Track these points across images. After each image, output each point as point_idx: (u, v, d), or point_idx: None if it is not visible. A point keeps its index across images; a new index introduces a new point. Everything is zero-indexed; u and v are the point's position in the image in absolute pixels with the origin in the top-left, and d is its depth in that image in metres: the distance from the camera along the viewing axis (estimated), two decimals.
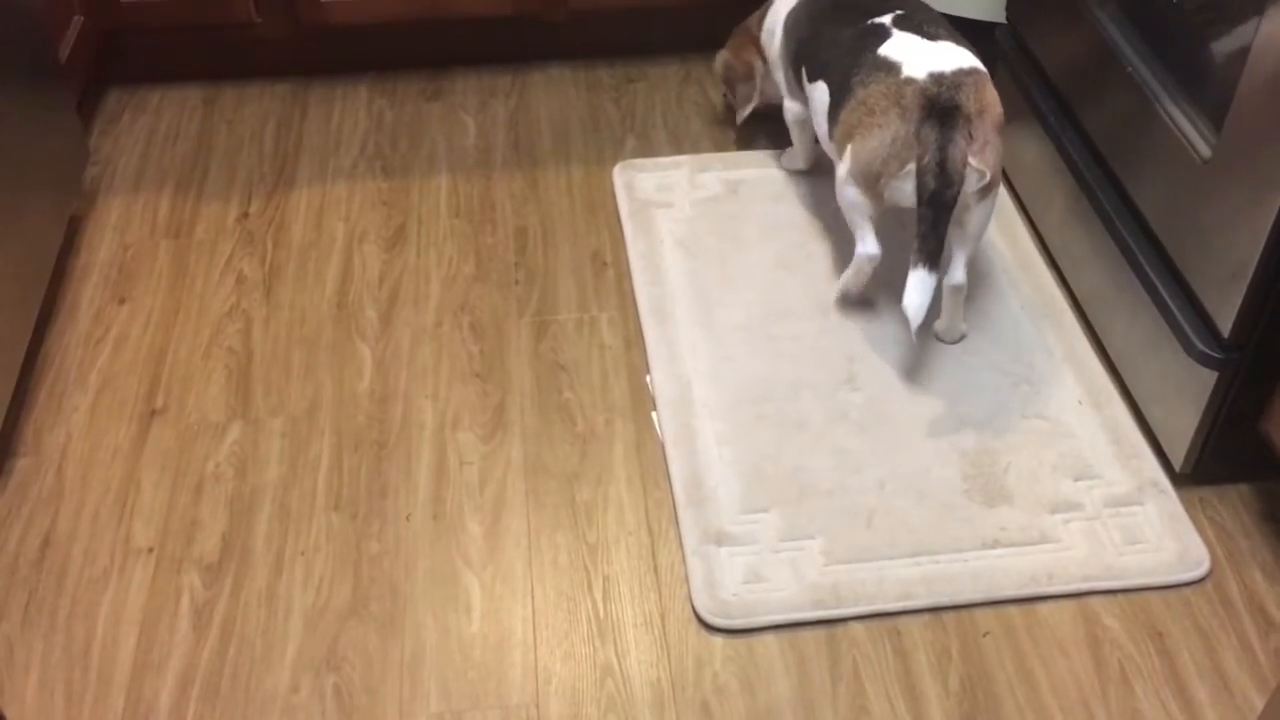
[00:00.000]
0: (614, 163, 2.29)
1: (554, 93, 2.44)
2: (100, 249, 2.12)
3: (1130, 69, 1.76)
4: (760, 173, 2.26)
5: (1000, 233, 2.11)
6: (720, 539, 1.65)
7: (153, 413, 1.84)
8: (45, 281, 1.93)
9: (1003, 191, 2.19)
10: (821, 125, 1.94)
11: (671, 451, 1.77)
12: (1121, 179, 1.81)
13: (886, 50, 1.81)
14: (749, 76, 2.28)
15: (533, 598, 1.60)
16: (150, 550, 1.66)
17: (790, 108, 2.16)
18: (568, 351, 1.93)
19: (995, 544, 1.64)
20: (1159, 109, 1.69)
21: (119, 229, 2.16)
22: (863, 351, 1.91)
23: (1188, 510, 1.69)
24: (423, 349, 1.94)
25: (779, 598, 1.58)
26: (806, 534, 1.66)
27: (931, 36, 1.84)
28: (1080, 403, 1.82)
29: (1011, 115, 2.19)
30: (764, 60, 2.24)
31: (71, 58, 2.18)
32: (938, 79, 1.74)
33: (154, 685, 1.51)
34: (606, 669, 1.53)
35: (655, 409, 1.84)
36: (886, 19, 1.88)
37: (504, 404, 1.85)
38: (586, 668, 1.53)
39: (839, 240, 2.10)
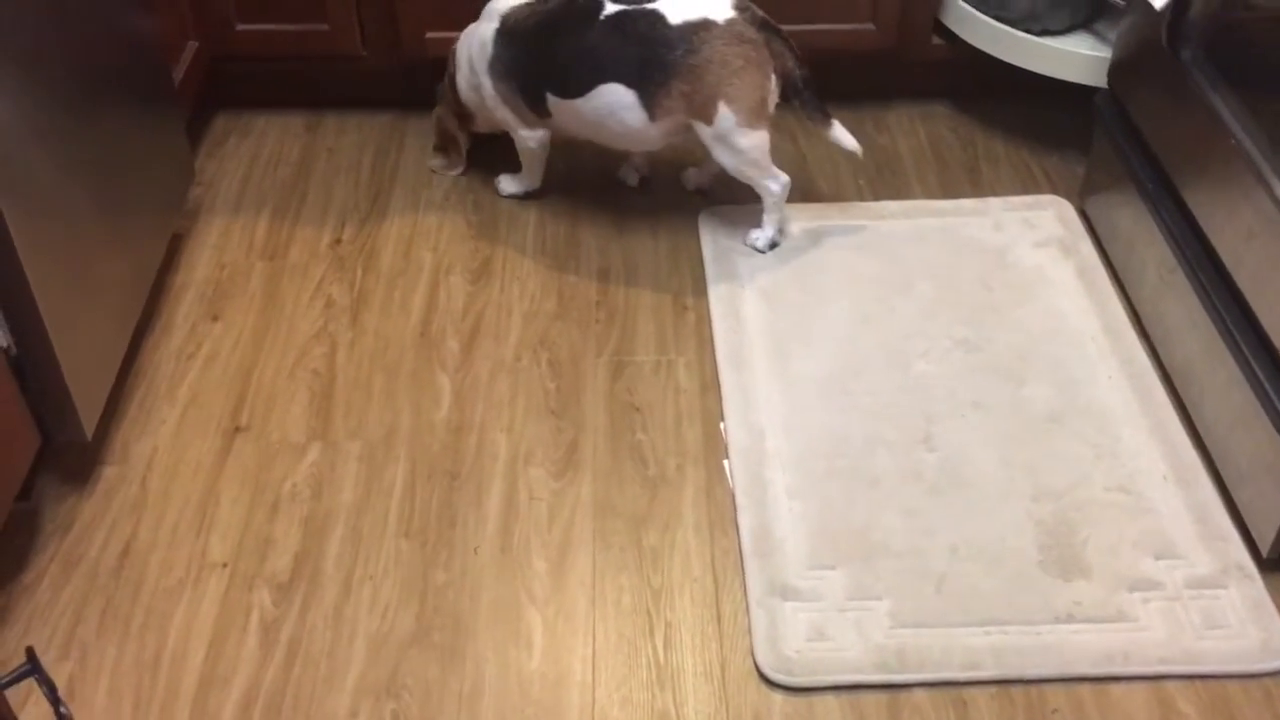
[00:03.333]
0: (699, 206, 2.30)
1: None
2: (198, 267, 2.18)
3: (1234, 141, 1.72)
4: (844, 223, 2.25)
5: (1091, 299, 2.07)
6: (785, 593, 1.64)
7: (236, 429, 1.89)
8: (145, 295, 1.99)
9: (1094, 257, 2.16)
10: (630, 118, 2.07)
11: (741, 500, 1.76)
12: (1219, 251, 1.77)
13: (676, 16, 2.00)
14: (451, 141, 2.36)
15: (594, 638, 1.60)
16: (224, 565, 1.69)
17: (528, 137, 2.24)
18: (643, 393, 1.94)
19: (1069, 618, 1.60)
20: (1263, 183, 1.65)
21: (218, 248, 2.22)
22: (941, 411, 1.88)
23: (1273, 597, 1.63)
24: (501, 382, 1.96)
25: (842, 658, 1.56)
26: (873, 594, 1.64)
27: None
28: (1165, 478, 1.78)
29: (1109, 182, 2.16)
30: (464, 121, 2.32)
31: (184, 81, 2.26)
32: (741, 6, 2.03)
33: (218, 700, 1.54)
34: (663, 717, 1.52)
35: (727, 457, 1.83)
36: (627, 4, 2.03)
37: (577, 442, 1.86)
38: (643, 714, 1.52)
39: (922, 295, 2.08)
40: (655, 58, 2.01)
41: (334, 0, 2.32)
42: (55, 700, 0.93)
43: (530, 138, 2.21)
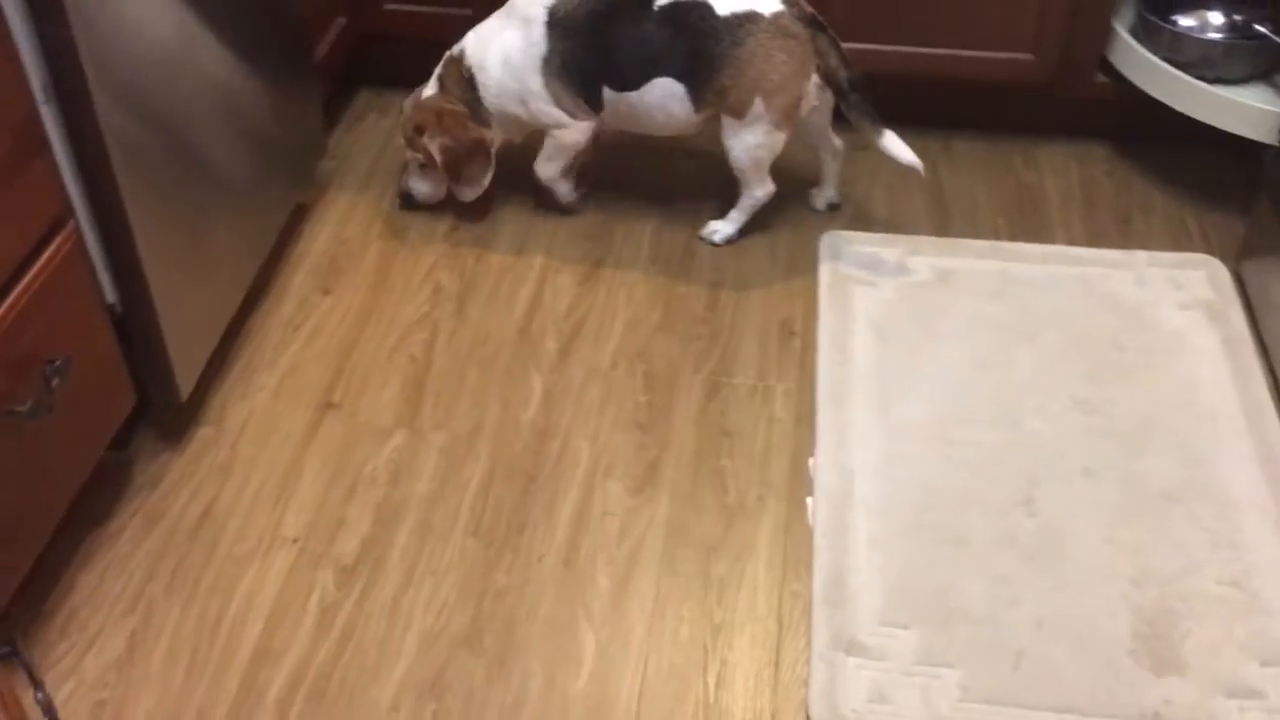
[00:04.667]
0: (823, 230, 2.22)
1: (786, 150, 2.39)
2: (318, 240, 2.21)
3: None
4: (976, 265, 2.14)
5: (1233, 371, 1.92)
6: (851, 647, 1.56)
7: (328, 406, 1.90)
8: (259, 263, 2.03)
9: (1243, 326, 2.00)
10: (678, 110, 2.05)
11: (819, 543, 1.68)
12: None
13: (724, 8, 1.97)
14: (481, 151, 2.17)
15: (645, 667, 1.55)
16: (295, 540, 1.71)
17: (574, 130, 2.15)
18: (735, 417, 1.88)
19: (1155, 718, 1.48)
20: None
21: (339, 223, 2.25)
22: (1048, 474, 1.77)
23: None
24: (592, 389, 1.92)
25: None
26: (945, 661, 1.54)
27: None
28: None
29: (1270, 246, 2.00)
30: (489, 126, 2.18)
31: (328, 56, 2.30)
32: (791, 1, 1.99)
33: (268, 675, 1.55)
34: None
35: (812, 494, 1.75)
36: None
37: (659, 460, 1.81)
38: None
39: (1047, 347, 1.95)
40: (703, 50, 1.99)
41: None
42: (35, 683, 0.93)
43: (576, 132, 2.15)
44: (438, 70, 2.18)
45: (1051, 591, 1.62)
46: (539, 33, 2.05)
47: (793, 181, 2.32)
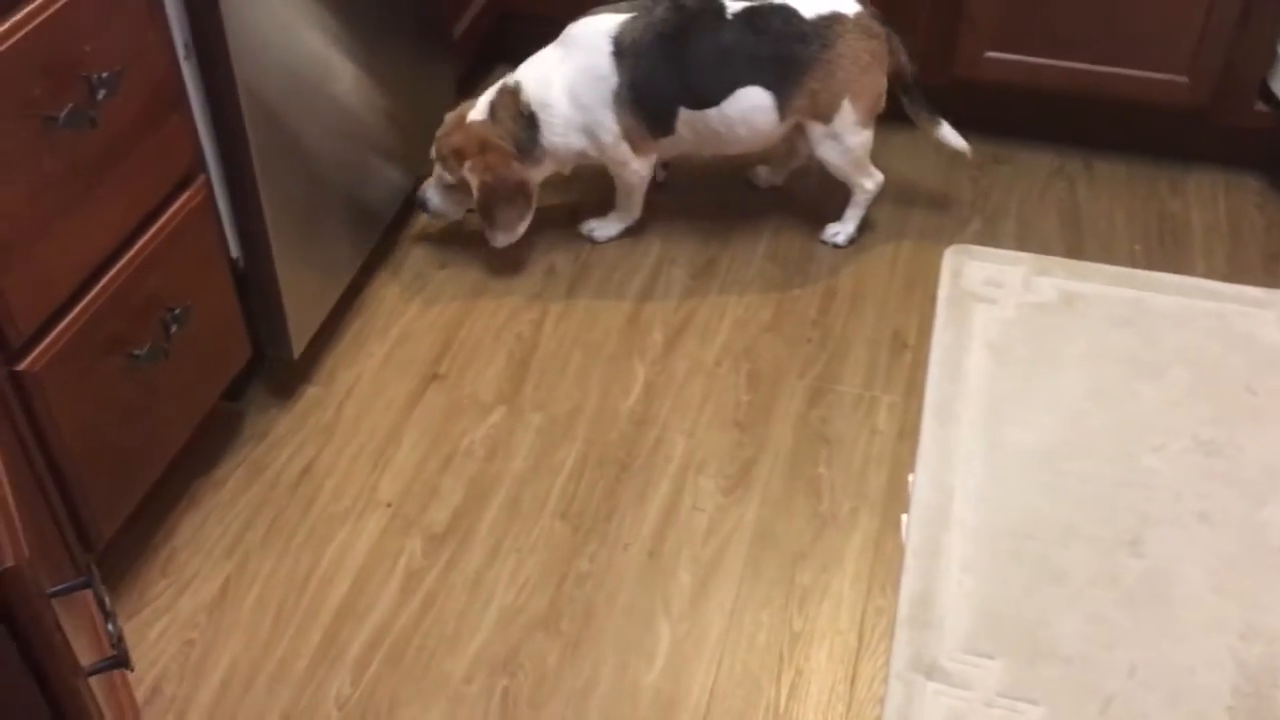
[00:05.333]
0: (949, 243, 2.15)
1: (912, 156, 2.34)
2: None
3: None
4: (1107, 290, 2.05)
5: None
6: (932, 671, 1.51)
7: (434, 377, 1.93)
8: (381, 230, 2.07)
9: None
10: (763, 121, 2.00)
11: (910, 561, 1.64)
12: None
13: (808, 10, 1.94)
14: (522, 196, 2.04)
15: (719, 667, 1.54)
16: (389, 505, 1.74)
17: (639, 169, 2.07)
18: (837, 425, 1.84)
19: None
20: None
21: None
22: (1160, 515, 1.68)
23: None
24: (694, 384, 1.91)
25: None
26: (1029, 697, 1.48)
27: None
28: None
29: None
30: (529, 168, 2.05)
31: (467, 33, 2.33)
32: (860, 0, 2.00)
33: (350, 633, 1.58)
34: None
35: (908, 511, 1.71)
36: (750, 1, 1.95)
37: (755, 460, 1.79)
38: None
39: (1173, 383, 1.86)
40: (791, 54, 1.94)
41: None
42: (107, 615, 0.96)
43: (642, 168, 2.08)
44: (489, 97, 2.04)
45: (1151, 637, 1.54)
46: (606, 65, 1.96)
47: (919, 196, 2.27)
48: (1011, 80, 2.26)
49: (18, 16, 1.22)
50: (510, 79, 2.03)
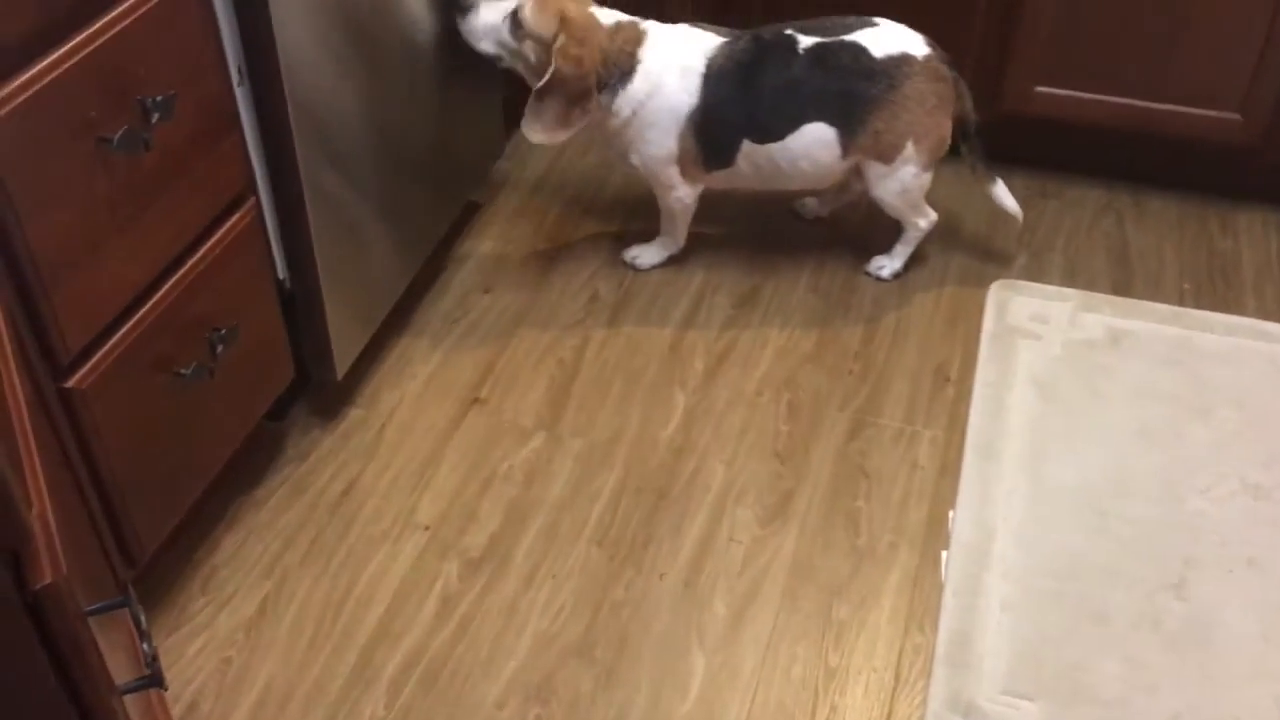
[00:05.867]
0: (995, 277, 2.14)
1: (959, 189, 2.32)
2: (485, 238, 2.26)
3: None
4: (1155, 329, 2.02)
5: None
6: (969, 712, 1.49)
7: (475, 400, 1.94)
8: (427, 254, 2.09)
9: None
10: (825, 158, 2.00)
11: (949, 599, 1.61)
12: None
13: (878, 49, 1.93)
14: (584, 104, 1.93)
15: (753, 701, 1.52)
16: (427, 528, 1.75)
17: (685, 195, 2.07)
18: (877, 459, 1.83)
19: None
20: None
21: (507, 224, 2.30)
22: (1206, 558, 1.65)
23: None
24: (735, 413, 1.90)
25: None
26: None
27: (868, 23, 1.98)
28: None
29: None
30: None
31: None
32: (930, 43, 1.97)
33: (385, 655, 1.59)
34: None
35: (947, 548, 1.69)
36: (824, 37, 1.95)
37: (794, 492, 1.78)
38: None
39: (1221, 424, 1.83)
40: (858, 92, 1.94)
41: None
42: (142, 635, 0.97)
43: (686, 195, 2.08)
44: (619, 15, 1.98)
45: (1194, 683, 1.51)
46: (695, 83, 1.96)
47: (966, 230, 2.26)
48: (1060, 115, 2.25)
49: (77, 39, 1.24)
50: (642, 23, 1.99)
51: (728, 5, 2.31)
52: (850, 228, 2.26)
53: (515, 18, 1.94)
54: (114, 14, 1.28)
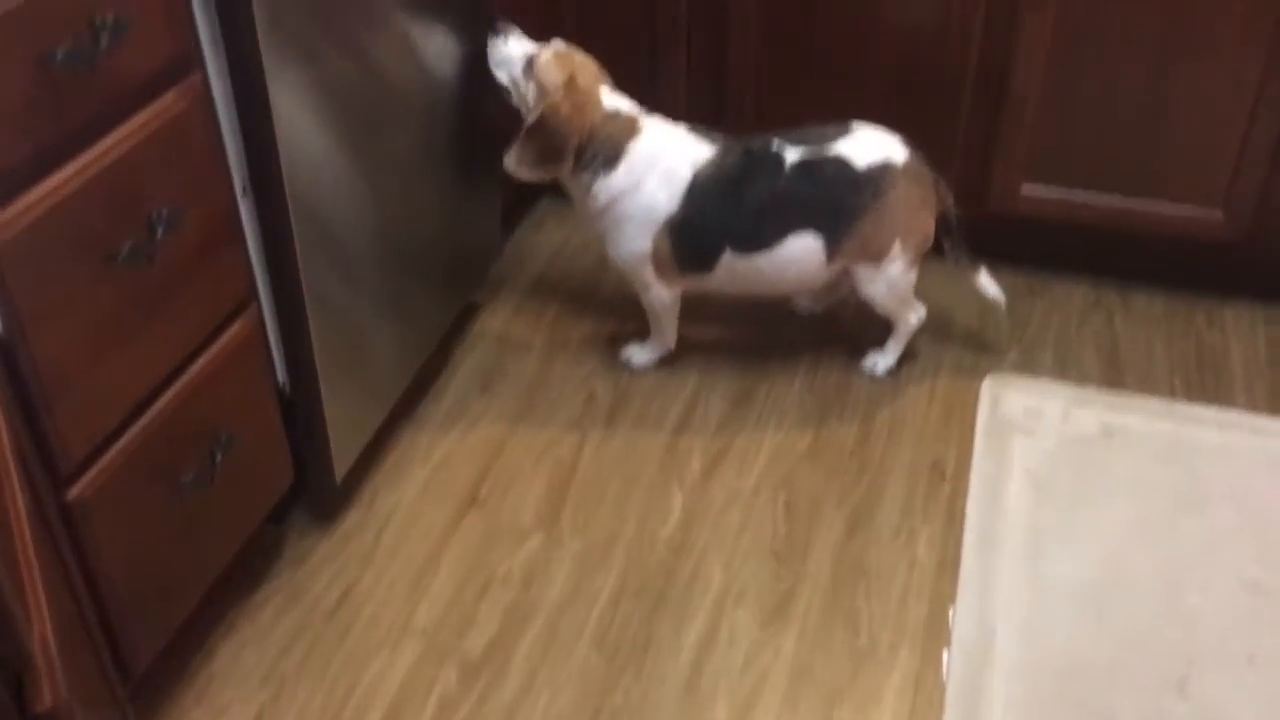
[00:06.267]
0: (987, 372, 2.17)
1: (949, 286, 2.35)
2: (483, 338, 2.28)
3: None
4: (1147, 424, 2.05)
5: None
6: None
7: (473, 502, 1.94)
8: (426, 355, 2.11)
9: None
10: (811, 266, 2.03)
11: (951, 700, 1.61)
12: None
13: (860, 160, 1.98)
14: (559, 156, 1.99)
15: None
16: (424, 633, 1.73)
17: (664, 293, 2.12)
18: (876, 557, 1.83)
19: None
20: None
21: (506, 324, 2.32)
22: (1207, 656, 1.65)
23: None
24: (733, 512, 1.91)
25: None
26: None
27: (847, 133, 2.02)
28: None
29: None
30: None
31: None
32: (907, 144, 2.03)
33: None
34: None
35: (949, 647, 1.68)
36: (807, 151, 1.99)
37: (793, 592, 1.77)
38: None
39: (1217, 519, 1.84)
40: (844, 202, 1.99)
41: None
42: None
43: (664, 293, 2.11)
44: (624, 98, 2.03)
45: None
46: (678, 190, 1.99)
47: (957, 325, 2.28)
48: (1046, 213, 2.29)
49: (86, 157, 1.28)
50: (644, 118, 2.03)
51: (721, 106, 2.37)
52: (844, 325, 2.29)
53: (531, 60, 2.02)
54: (123, 132, 1.31)
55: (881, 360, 2.18)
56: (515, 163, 2.03)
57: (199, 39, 1.43)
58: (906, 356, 2.20)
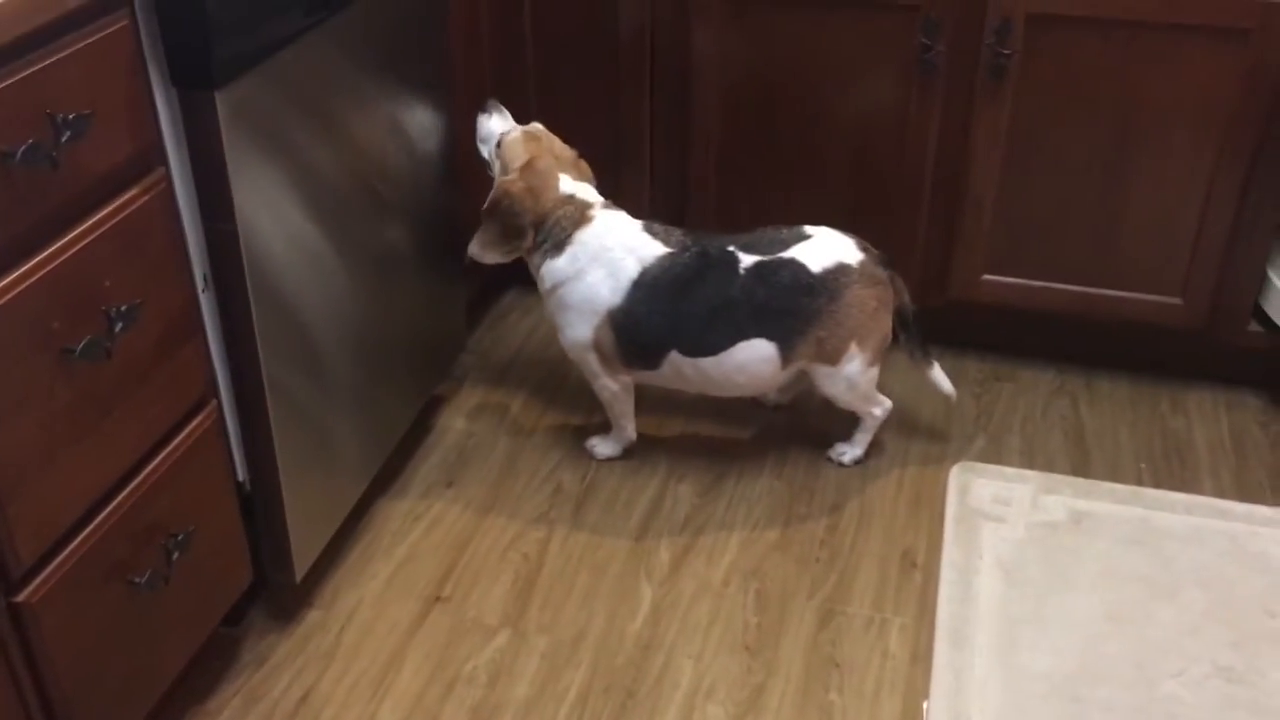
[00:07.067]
0: (955, 460, 2.16)
1: (915, 373, 2.36)
2: (448, 432, 2.26)
3: None
4: (1116, 510, 2.04)
5: None
6: None
7: (438, 599, 1.90)
8: (388, 451, 2.08)
9: None
10: (764, 370, 2.02)
11: None
12: None
13: (815, 264, 1.98)
14: (516, 238, 2.01)
15: None
16: None
17: (610, 384, 2.11)
18: (848, 649, 1.80)
19: None
20: None
21: (471, 417, 2.30)
22: None
23: None
24: (702, 605, 1.88)
25: None
26: None
27: (802, 236, 2.03)
28: None
29: None
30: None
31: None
32: (863, 247, 2.03)
33: None
34: None
35: None
36: (761, 255, 1.99)
37: (765, 687, 1.74)
38: None
39: (1189, 606, 1.83)
40: (798, 307, 1.97)
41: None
42: None
43: (612, 385, 2.10)
44: (579, 183, 2.04)
45: None
46: (622, 285, 1.98)
47: (924, 413, 2.29)
48: (1008, 302, 2.32)
49: (45, 253, 1.26)
50: (599, 208, 2.03)
51: (685, 201, 2.40)
52: (811, 414, 2.28)
53: (501, 138, 2.07)
54: (82, 228, 1.30)
55: (849, 451, 2.18)
56: (478, 246, 2.05)
57: (162, 134, 1.43)
58: (874, 446, 2.19)
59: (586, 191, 2.05)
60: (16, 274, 1.22)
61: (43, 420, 1.28)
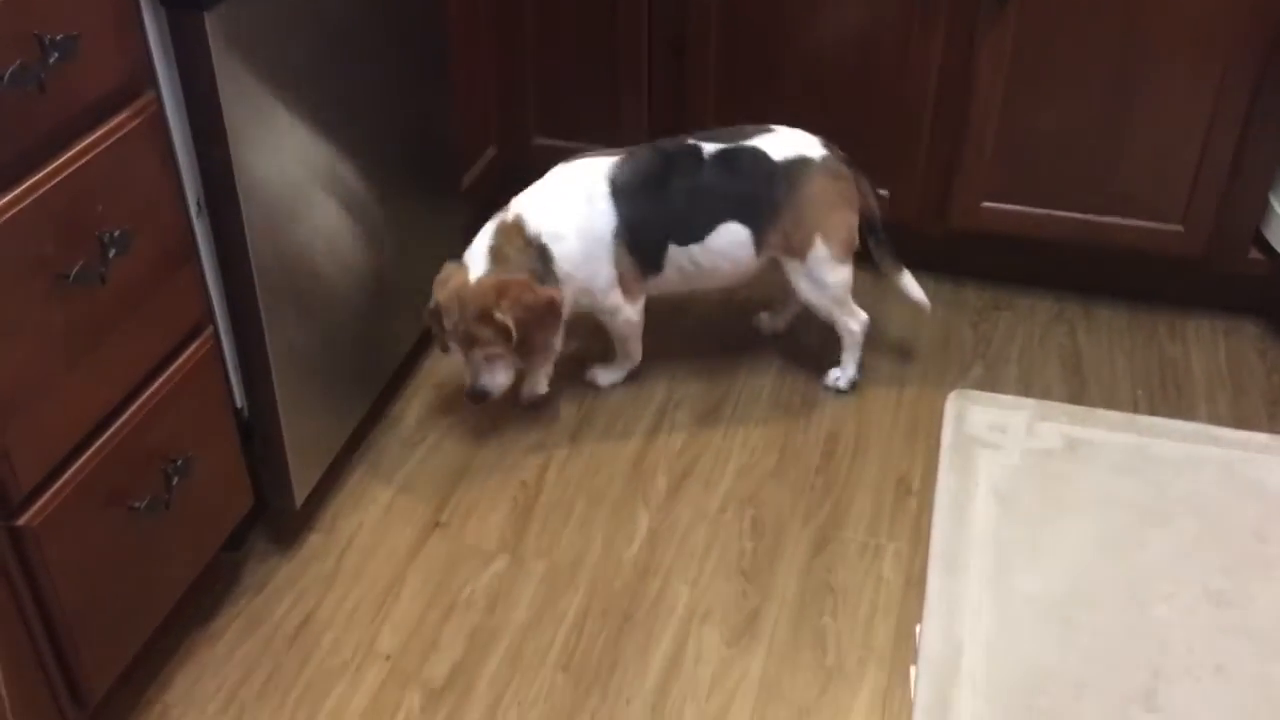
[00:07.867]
0: (952, 388, 2.16)
1: (911, 303, 2.36)
2: (445, 359, 2.25)
3: None
4: (1111, 437, 2.04)
5: None
6: None
7: (436, 524, 1.92)
8: (387, 377, 2.09)
9: None
10: (742, 255, 2.06)
11: (919, 717, 1.60)
12: None
13: (775, 153, 2.01)
14: (552, 314, 1.96)
15: None
16: (387, 658, 1.71)
17: (632, 312, 2.11)
18: (842, 574, 1.82)
19: None
20: None
21: None
22: (1174, 668, 1.64)
23: None
24: (698, 531, 1.89)
25: None
26: None
27: (765, 130, 2.06)
28: None
29: None
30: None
31: (474, 184, 2.39)
32: (826, 145, 2.06)
33: None
34: None
35: (916, 664, 1.67)
36: (725, 143, 2.03)
37: (760, 611, 1.76)
38: None
39: (1181, 531, 1.84)
40: (763, 194, 2.02)
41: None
42: None
43: (633, 314, 2.10)
44: (486, 244, 1.98)
45: None
46: (606, 203, 1.99)
47: (921, 342, 2.29)
48: (1008, 230, 2.31)
49: (35, 178, 1.25)
50: (507, 215, 2.01)
51: (683, 131, 2.37)
52: (808, 343, 2.28)
53: (485, 360, 1.99)
54: (72, 152, 1.29)
55: (842, 375, 2.18)
56: (545, 369, 2.10)
57: (151, 57, 1.41)
58: (872, 373, 2.20)
59: (489, 236, 1.99)
60: (7, 199, 1.21)
61: (39, 345, 1.28)
